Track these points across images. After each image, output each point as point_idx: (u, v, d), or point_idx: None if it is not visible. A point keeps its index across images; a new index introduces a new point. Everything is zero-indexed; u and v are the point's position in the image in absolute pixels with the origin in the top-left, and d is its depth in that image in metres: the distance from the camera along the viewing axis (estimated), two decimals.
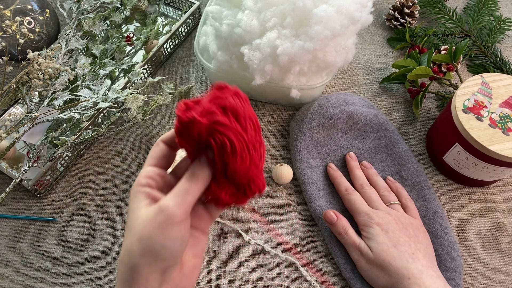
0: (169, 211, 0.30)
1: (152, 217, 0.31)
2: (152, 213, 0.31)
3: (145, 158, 0.61)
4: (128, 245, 0.32)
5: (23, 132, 0.53)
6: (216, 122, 0.31)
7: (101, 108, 0.58)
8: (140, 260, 0.31)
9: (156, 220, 0.30)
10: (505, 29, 0.74)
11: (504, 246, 0.55)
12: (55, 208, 0.58)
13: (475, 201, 0.59)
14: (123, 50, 0.67)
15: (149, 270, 0.31)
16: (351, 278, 0.51)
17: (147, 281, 0.31)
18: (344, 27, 0.51)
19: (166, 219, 0.30)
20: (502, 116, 0.53)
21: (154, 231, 0.30)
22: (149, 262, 0.31)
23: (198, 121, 0.30)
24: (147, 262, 0.31)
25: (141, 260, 0.31)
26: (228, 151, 0.31)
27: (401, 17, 0.76)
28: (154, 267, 0.31)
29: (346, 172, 0.60)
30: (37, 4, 0.68)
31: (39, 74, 0.54)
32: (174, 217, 0.30)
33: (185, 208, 0.31)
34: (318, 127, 0.62)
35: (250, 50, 0.54)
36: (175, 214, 0.30)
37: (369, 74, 0.72)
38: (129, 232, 0.32)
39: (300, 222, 0.57)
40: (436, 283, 0.46)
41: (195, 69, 0.72)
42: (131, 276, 0.31)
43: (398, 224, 0.51)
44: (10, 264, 0.54)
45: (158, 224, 0.30)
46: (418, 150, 0.63)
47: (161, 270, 0.32)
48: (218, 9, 0.57)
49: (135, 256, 0.31)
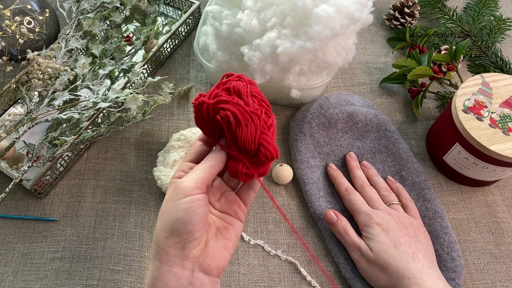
0: (182, 185, 0.34)
1: (171, 194, 0.35)
2: (172, 190, 0.35)
3: (145, 158, 0.62)
4: (156, 224, 0.36)
5: (23, 132, 0.53)
6: (219, 101, 0.36)
7: (100, 108, 0.58)
8: (160, 234, 0.34)
9: (172, 196, 0.35)
10: (505, 29, 0.74)
11: (505, 246, 0.55)
12: (55, 208, 0.58)
13: (475, 201, 0.59)
14: (123, 50, 0.67)
15: (168, 242, 0.34)
16: (351, 278, 0.51)
17: (167, 254, 0.34)
18: (344, 27, 0.51)
19: (179, 192, 0.34)
20: (502, 116, 0.53)
21: (170, 205, 0.34)
22: (167, 235, 0.34)
23: (205, 102, 0.36)
24: (165, 236, 0.34)
25: (161, 233, 0.34)
26: (232, 122, 0.35)
27: (401, 17, 0.76)
28: (172, 240, 0.34)
29: (346, 172, 0.60)
30: (37, 4, 0.68)
31: (39, 74, 0.54)
32: (186, 190, 0.34)
33: (197, 183, 0.35)
34: (318, 127, 0.62)
35: (250, 50, 0.54)
36: (187, 187, 0.34)
37: (369, 74, 0.72)
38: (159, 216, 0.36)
39: (300, 222, 0.57)
40: (436, 283, 0.46)
41: (195, 69, 0.72)
42: (156, 251, 0.35)
43: (398, 224, 0.51)
44: (10, 264, 0.53)
45: (173, 198, 0.34)
46: (418, 150, 0.63)
47: (180, 245, 0.34)
48: (218, 9, 0.57)
49: (157, 231, 0.35)
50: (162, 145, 0.63)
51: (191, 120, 0.65)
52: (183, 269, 0.34)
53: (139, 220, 0.57)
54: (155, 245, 0.35)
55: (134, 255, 0.54)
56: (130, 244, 0.55)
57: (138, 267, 0.53)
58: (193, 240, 0.34)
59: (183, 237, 0.34)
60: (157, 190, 0.59)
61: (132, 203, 0.58)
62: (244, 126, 0.35)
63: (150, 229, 0.56)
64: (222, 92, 0.36)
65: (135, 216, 0.57)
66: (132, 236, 0.55)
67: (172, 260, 0.34)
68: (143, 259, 0.54)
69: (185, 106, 0.67)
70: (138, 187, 0.60)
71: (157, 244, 0.35)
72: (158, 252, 0.35)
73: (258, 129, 0.35)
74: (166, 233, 0.34)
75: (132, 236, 0.55)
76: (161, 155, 0.59)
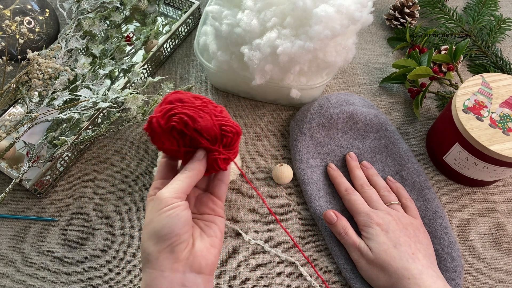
0: (163, 196, 0.36)
1: (152, 206, 0.37)
2: (152, 203, 0.37)
3: (145, 158, 0.62)
4: (141, 236, 0.38)
5: (22, 132, 0.53)
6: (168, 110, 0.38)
7: (100, 108, 0.58)
8: (147, 243, 0.36)
9: (154, 206, 0.36)
10: (505, 29, 0.74)
11: (505, 246, 0.55)
12: (55, 208, 0.58)
13: (475, 201, 0.59)
14: (123, 50, 0.67)
15: (157, 249, 0.36)
16: (351, 279, 0.51)
17: (157, 260, 0.36)
18: (344, 27, 0.51)
19: (160, 203, 0.36)
20: (502, 116, 0.53)
21: (153, 215, 0.36)
22: (155, 242, 0.36)
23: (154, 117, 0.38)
24: (153, 243, 0.36)
25: (148, 242, 0.36)
26: (187, 120, 0.37)
27: (401, 17, 0.76)
28: (160, 246, 0.35)
29: (346, 172, 0.60)
30: (37, 4, 0.68)
31: (39, 74, 0.54)
32: (167, 200, 0.36)
33: (177, 193, 0.37)
34: (318, 127, 0.62)
35: (250, 50, 0.54)
36: (167, 197, 0.36)
37: (369, 74, 0.72)
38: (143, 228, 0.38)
39: (300, 222, 0.57)
40: (436, 283, 0.46)
41: (195, 69, 0.72)
42: (145, 258, 0.36)
43: (398, 224, 0.51)
44: (10, 264, 0.53)
45: (156, 208, 0.36)
46: (418, 150, 0.63)
47: (169, 249, 0.36)
48: (218, 9, 0.57)
49: (144, 240, 0.37)
50: None
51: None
52: (174, 272, 0.36)
53: (139, 220, 0.57)
54: (144, 254, 0.37)
55: (134, 255, 0.54)
56: (130, 244, 0.55)
57: (138, 267, 0.53)
58: (181, 243, 0.36)
59: (171, 241, 0.35)
60: None
61: (132, 203, 0.58)
62: (199, 118, 0.37)
63: None
64: (165, 105, 0.39)
65: (135, 216, 0.57)
66: (132, 236, 0.55)
67: (163, 265, 0.35)
68: None
69: None
70: (138, 187, 0.60)
71: (146, 253, 0.36)
72: (148, 260, 0.36)
73: (212, 116, 0.38)
74: (153, 240, 0.36)
75: (132, 236, 0.55)
76: (161, 155, 0.59)
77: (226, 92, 0.69)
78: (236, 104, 0.68)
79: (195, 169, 0.38)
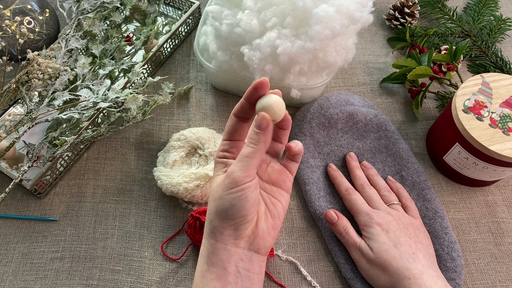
0: (234, 175, 0.36)
1: (222, 182, 0.37)
2: (223, 178, 0.38)
3: (145, 158, 0.62)
4: (208, 205, 0.39)
5: (23, 132, 0.53)
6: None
7: (100, 108, 0.58)
8: (214, 217, 0.38)
9: (224, 183, 0.37)
10: (505, 29, 0.74)
11: (505, 246, 0.55)
12: (55, 208, 0.58)
13: (476, 201, 0.59)
14: (123, 50, 0.67)
15: (223, 224, 0.37)
16: (351, 278, 0.51)
17: (222, 234, 0.38)
18: (344, 27, 0.51)
19: (232, 182, 0.36)
20: (502, 116, 0.53)
21: (223, 193, 0.37)
22: (221, 218, 0.37)
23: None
24: (220, 218, 0.37)
25: (215, 216, 0.38)
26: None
27: (401, 17, 0.76)
28: (226, 223, 0.37)
29: (347, 172, 0.60)
30: (37, 4, 0.68)
31: (39, 74, 0.54)
32: (238, 180, 0.36)
33: (248, 171, 0.36)
34: (318, 127, 0.62)
35: (250, 50, 0.54)
36: (239, 177, 0.36)
37: (369, 74, 0.72)
38: (210, 196, 0.39)
39: (300, 222, 0.57)
40: (437, 283, 0.46)
41: (195, 69, 0.72)
42: (210, 229, 0.38)
43: (398, 224, 0.51)
44: (10, 264, 0.53)
45: (226, 186, 0.37)
46: (418, 150, 0.63)
47: (233, 226, 0.37)
48: (218, 8, 0.57)
49: (211, 213, 0.38)
50: (162, 145, 0.63)
51: (191, 120, 0.65)
52: (236, 247, 0.38)
53: (139, 220, 0.57)
54: (209, 225, 0.38)
55: (134, 255, 0.54)
56: (130, 244, 0.55)
57: (138, 267, 0.53)
58: (246, 223, 0.37)
59: (237, 221, 0.37)
60: (157, 190, 0.59)
61: (132, 203, 0.58)
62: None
63: (150, 229, 0.56)
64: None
65: (135, 216, 0.57)
66: (132, 236, 0.55)
67: (226, 239, 0.38)
68: (143, 259, 0.54)
69: (185, 106, 0.67)
70: (138, 187, 0.60)
71: (212, 225, 0.38)
72: (213, 232, 0.38)
73: None
74: (220, 216, 0.37)
75: (132, 236, 0.55)
76: (161, 155, 0.59)
77: (226, 92, 0.69)
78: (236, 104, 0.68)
79: (261, 141, 0.37)
